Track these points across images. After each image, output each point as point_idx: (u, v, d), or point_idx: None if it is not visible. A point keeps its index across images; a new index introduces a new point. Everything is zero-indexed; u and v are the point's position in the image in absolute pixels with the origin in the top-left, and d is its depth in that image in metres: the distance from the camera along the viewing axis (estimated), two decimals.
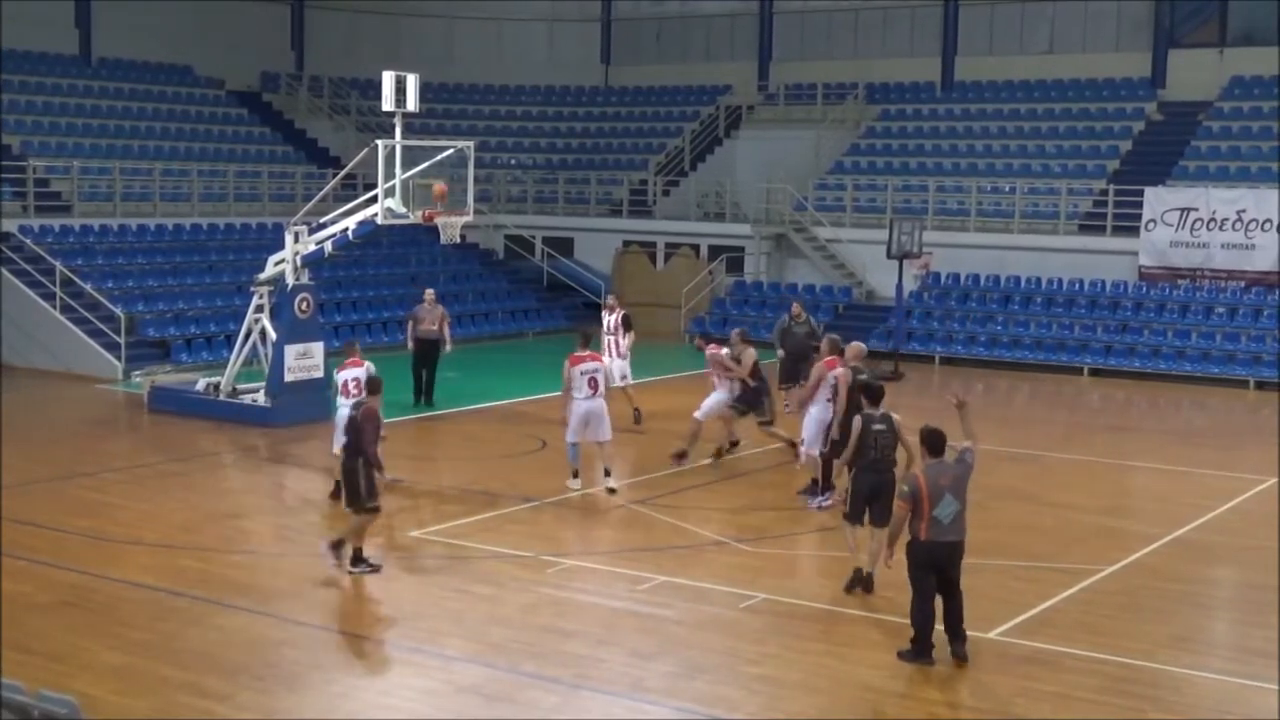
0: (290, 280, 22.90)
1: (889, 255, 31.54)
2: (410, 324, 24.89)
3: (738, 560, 15.15)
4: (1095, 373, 31.27)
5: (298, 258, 22.84)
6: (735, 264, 37.91)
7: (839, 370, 16.91)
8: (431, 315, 24.54)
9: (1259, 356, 30.58)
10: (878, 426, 13.89)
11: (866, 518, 13.94)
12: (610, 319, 23.14)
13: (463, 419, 23.46)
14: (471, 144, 22.63)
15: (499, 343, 34.27)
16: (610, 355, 22.57)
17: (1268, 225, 32.20)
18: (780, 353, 23.02)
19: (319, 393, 22.96)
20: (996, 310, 33.96)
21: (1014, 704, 11.23)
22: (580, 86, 46.56)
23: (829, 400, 17.06)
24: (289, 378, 22.84)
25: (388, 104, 21.74)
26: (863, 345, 18.29)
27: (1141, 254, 33.55)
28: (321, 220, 23.49)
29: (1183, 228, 33.08)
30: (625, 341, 23.02)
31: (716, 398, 19.80)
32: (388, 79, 21.70)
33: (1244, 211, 32.47)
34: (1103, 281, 33.57)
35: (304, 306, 23.04)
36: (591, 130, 45.12)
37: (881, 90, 42.07)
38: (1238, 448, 23.08)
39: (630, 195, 41.00)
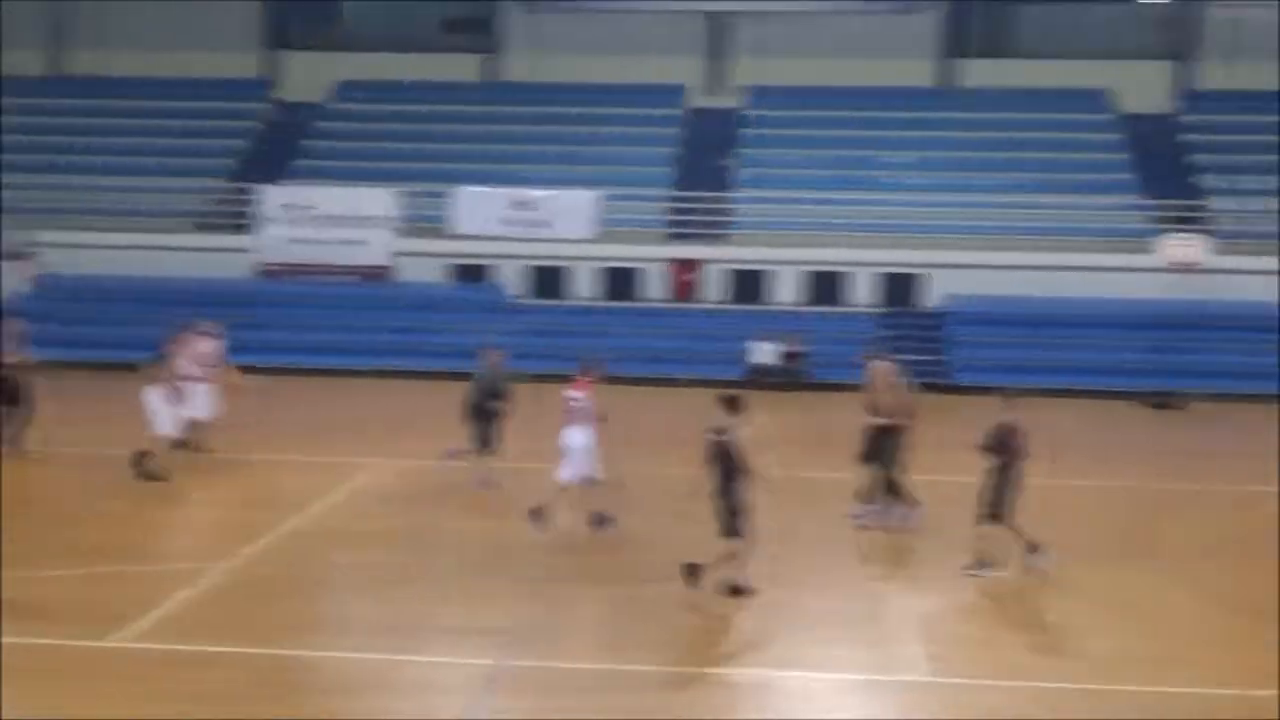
0: None
1: None
2: None
3: None
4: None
5: None
6: None
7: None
8: None
9: (373, 347, 32.49)
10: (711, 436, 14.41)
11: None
12: (213, 346, 20.33)
13: None
14: None
15: None
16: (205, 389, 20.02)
17: (376, 222, 34.30)
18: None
19: None
20: (130, 313, 33.12)
21: (150, 708, 10.88)
22: None
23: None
24: None
25: None
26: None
27: (263, 250, 34.40)
28: None
29: (300, 224, 34.35)
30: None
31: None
32: None
33: (356, 209, 34.33)
34: (224, 279, 33.98)
35: None
36: None
37: None
38: (351, 437, 24.33)
39: None
